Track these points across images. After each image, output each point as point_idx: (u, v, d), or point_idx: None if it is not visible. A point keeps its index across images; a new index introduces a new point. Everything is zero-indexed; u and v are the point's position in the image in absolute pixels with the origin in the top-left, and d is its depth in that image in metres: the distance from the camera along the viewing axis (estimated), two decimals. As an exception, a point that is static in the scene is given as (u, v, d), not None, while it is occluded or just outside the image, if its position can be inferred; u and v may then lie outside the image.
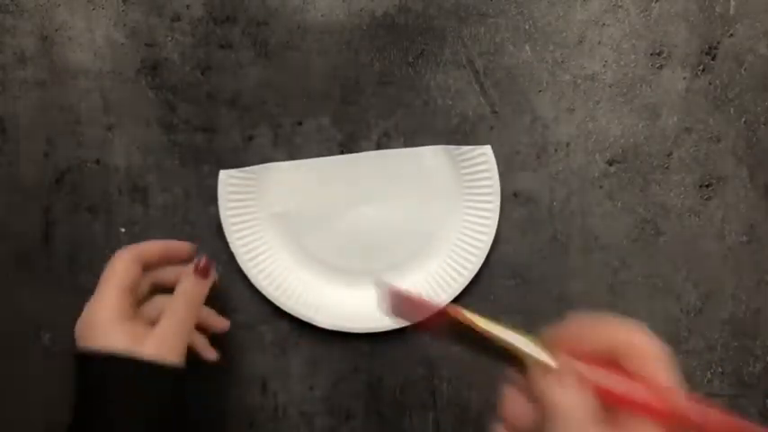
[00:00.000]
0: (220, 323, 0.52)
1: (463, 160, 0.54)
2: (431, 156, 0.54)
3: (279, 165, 0.55)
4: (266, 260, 0.55)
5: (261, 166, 0.55)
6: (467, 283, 0.54)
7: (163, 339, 0.45)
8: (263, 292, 0.55)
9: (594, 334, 0.36)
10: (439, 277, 0.55)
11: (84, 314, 0.46)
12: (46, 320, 0.58)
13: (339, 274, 0.56)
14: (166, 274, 0.50)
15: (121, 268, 0.47)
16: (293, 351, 0.57)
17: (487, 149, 0.54)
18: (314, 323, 0.55)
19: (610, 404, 0.34)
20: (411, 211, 0.55)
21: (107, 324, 0.44)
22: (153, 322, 0.47)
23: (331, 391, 0.57)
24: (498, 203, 0.54)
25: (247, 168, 0.55)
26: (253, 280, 0.55)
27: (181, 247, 0.51)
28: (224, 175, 0.54)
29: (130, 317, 0.46)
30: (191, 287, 0.47)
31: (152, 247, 0.49)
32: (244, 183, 0.55)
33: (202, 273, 0.48)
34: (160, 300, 0.49)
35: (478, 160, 0.54)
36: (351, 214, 0.55)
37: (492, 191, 0.54)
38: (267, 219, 0.55)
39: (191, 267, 0.48)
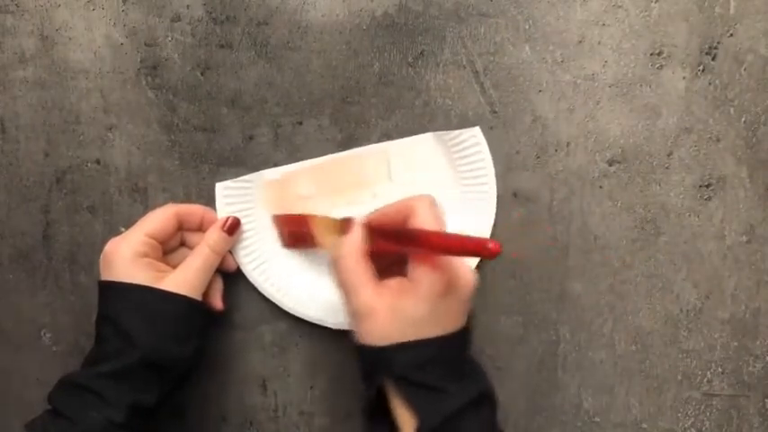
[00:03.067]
0: (232, 264, 0.55)
1: (454, 145, 0.54)
2: (422, 144, 0.54)
3: (272, 171, 0.55)
4: (266, 262, 0.55)
5: (255, 173, 0.55)
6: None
7: (182, 277, 0.49)
8: (264, 293, 0.55)
9: (392, 206, 0.46)
10: None
11: (106, 248, 0.50)
12: (46, 320, 0.58)
13: (321, 268, 0.55)
14: (196, 238, 0.53)
15: (157, 217, 0.51)
16: (293, 351, 0.57)
17: (477, 131, 0.54)
18: (315, 322, 0.55)
19: (391, 254, 0.45)
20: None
21: (124, 261, 0.48)
22: (175, 267, 0.51)
23: (331, 391, 0.57)
24: (494, 185, 0.54)
25: (242, 178, 0.55)
26: (254, 282, 0.55)
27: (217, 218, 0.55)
28: (219, 186, 0.55)
29: (150, 258, 0.50)
30: (216, 238, 0.52)
31: (195, 210, 0.54)
32: (240, 192, 0.55)
33: (229, 229, 0.53)
34: (185, 252, 0.54)
35: (469, 143, 0.54)
36: (348, 212, 0.55)
37: (486, 172, 0.54)
38: (266, 224, 0.55)
39: (219, 222, 0.53)
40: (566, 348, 0.56)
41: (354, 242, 0.45)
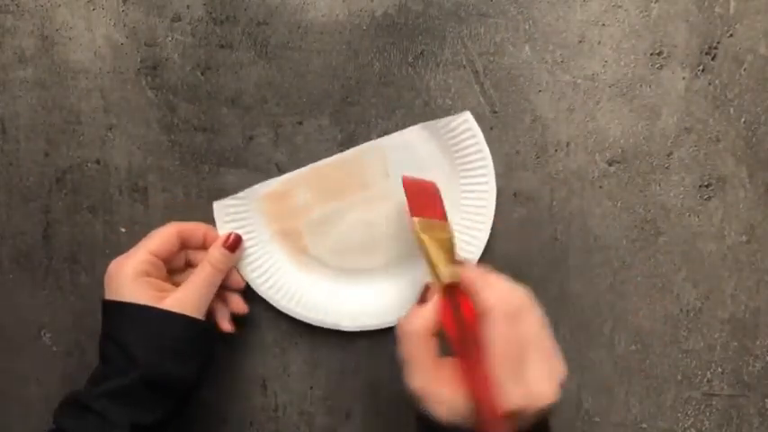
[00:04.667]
0: (241, 307, 0.54)
1: (446, 132, 0.54)
2: (416, 136, 0.54)
3: (267, 183, 0.55)
4: (275, 275, 0.55)
5: (250, 188, 0.54)
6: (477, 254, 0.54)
7: (184, 297, 0.49)
8: (277, 306, 0.55)
9: (476, 287, 0.43)
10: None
11: (109, 268, 0.50)
12: (46, 320, 0.58)
13: (338, 275, 0.56)
14: (201, 256, 0.53)
15: (160, 236, 0.51)
16: (293, 351, 0.57)
17: (467, 115, 0.53)
18: (314, 324, 0.55)
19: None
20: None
21: (126, 281, 0.48)
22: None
23: (331, 390, 0.57)
24: (492, 169, 0.54)
25: (238, 194, 0.54)
26: (264, 296, 0.55)
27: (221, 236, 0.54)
28: (217, 205, 0.54)
29: (154, 277, 0.50)
30: (217, 256, 0.52)
31: (197, 228, 0.53)
32: (238, 209, 0.54)
33: (231, 246, 0.52)
34: (191, 271, 0.53)
35: (462, 128, 0.54)
36: (347, 215, 0.55)
37: (483, 155, 0.54)
38: (267, 237, 0.55)
39: (220, 239, 0.53)
40: (566, 348, 0.56)
41: (426, 319, 0.43)
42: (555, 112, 0.54)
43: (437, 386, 0.42)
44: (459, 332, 0.43)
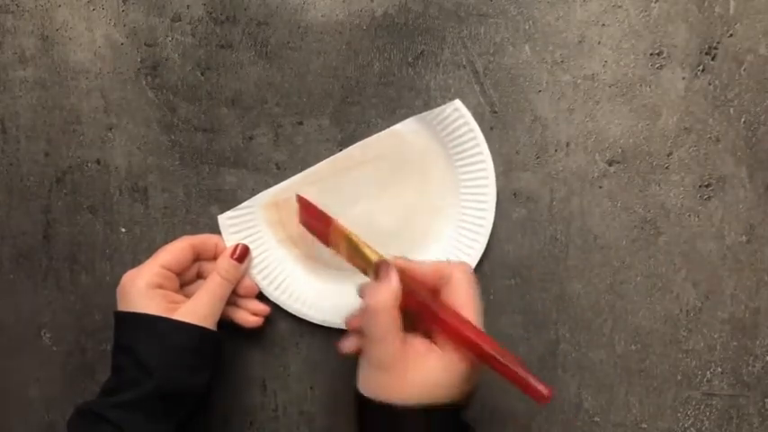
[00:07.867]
0: (261, 309, 0.55)
1: (439, 123, 0.54)
2: (409, 131, 0.54)
3: (269, 191, 0.55)
4: (286, 280, 0.55)
5: (252, 198, 0.55)
6: (482, 249, 0.54)
7: (195, 308, 0.49)
8: (291, 311, 0.55)
9: (427, 264, 0.46)
10: (453, 247, 0.55)
11: (122, 280, 0.50)
12: (46, 320, 0.58)
13: (340, 274, 0.56)
14: (212, 268, 0.53)
15: (173, 249, 0.51)
16: (293, 351, 0.57)
17: (458, 104, 0.53)
18: (315, 322, 0.55)
19: (416, 312, 0.44)
20: (408, 195, 0.55)
21: (139, 292, 0.49)
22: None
23: (331, 391, 0.57)
24: (489, 157, 0.54)
25: (242, 205, 0.55)
26: (277, 301, 0.55)
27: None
28: (222, 218, 0.55)
29: (166, 289, 0.50)
30: (226, 267, 0.52)
31: (209, 240, 0.54)
32: (243, 220, 0.55)
33: (239, 257, 0.53)
34: (201, 282, 0.53)
35: (453, 117, 0.53)
36: (349, 214, 0.55)
37: (477, 142, 0.53)
38: (275, 244, 0.55)
39: (228, 250, 0.53)
40: (566, 348, 0.56)
41: (392, 293, 0.43)
42: (555, 112, 0.54)
43: (404, 366, 0.43)
44: (426, 312, 0.44)
